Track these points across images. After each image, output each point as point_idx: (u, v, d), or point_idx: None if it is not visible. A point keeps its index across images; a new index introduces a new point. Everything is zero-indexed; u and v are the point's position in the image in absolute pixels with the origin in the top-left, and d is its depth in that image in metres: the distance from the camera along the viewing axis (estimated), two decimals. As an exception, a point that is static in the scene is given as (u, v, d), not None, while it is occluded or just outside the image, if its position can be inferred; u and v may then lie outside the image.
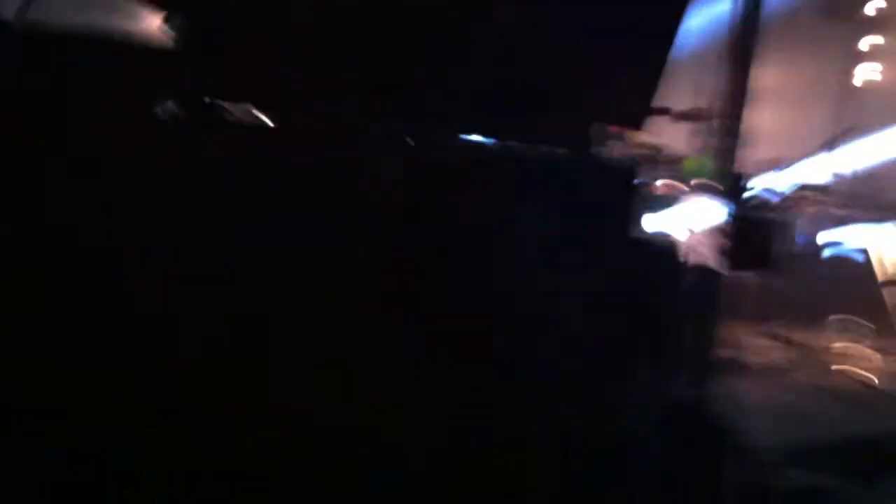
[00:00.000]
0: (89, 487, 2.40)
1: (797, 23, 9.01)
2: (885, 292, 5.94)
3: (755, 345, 5.29)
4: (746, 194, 5.19)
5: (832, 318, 6.23)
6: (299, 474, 2.57)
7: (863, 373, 5.13)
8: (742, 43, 3.34)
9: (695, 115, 7.42)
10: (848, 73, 11.02)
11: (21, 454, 2.36)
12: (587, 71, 3.07)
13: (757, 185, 5.92)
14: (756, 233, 3.87)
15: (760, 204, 5.27)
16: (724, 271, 3.40)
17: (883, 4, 10.82)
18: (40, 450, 2.38)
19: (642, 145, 7.86)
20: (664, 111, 6.40)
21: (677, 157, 7.56)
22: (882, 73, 10.78)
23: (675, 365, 3.37)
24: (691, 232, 6.01)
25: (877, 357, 5.84)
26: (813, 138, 7.27)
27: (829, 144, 5.73)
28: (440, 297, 2.73)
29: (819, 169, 5.92)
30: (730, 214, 3.38)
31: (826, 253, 5.85)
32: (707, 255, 4.22)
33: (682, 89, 8.45)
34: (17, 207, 2.38)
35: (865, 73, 10.91)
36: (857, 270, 6.32)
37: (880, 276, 6.11)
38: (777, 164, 7.64)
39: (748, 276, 4.93)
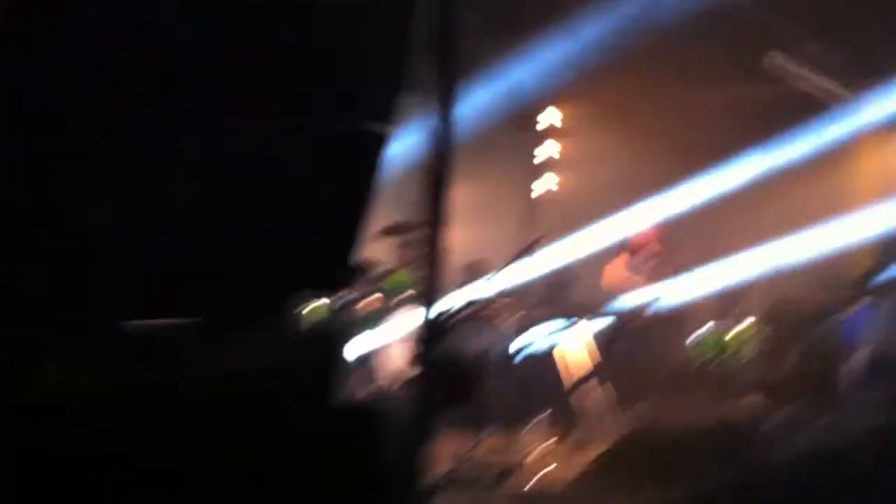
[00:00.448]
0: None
1: (487, 135, 9.64)
2: (573, 390, 6.36)
3: (460, 459, 5.38)
4: (445, 309, 5.35)
5: (532, 420, 6.51)
6: None
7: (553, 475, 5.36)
8: (437, 160, 3.44)
9: (399, 230, 7.67)
10: (532, 183, 12.00)
11: None
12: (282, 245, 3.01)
13: (456, 298, 6.13)
14: (456, 366, 3.92)
15: (458, 318, 5.44)
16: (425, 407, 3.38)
17: (559, 115, 11.92)
18: None
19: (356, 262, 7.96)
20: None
21: (383, 273, 7.74)
22: (560, 183, 11.82)
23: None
24: (394, 351, 6.17)
25: (571, 455, 6.19)
26: (505, 248, 7.75)
27: (521, 253, 6.09)
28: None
29: (512, 277, 6.27)
30: (428, 340, 3.39)
31: (522, 356, 6.17)
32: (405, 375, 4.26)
33: (386, 204, 8.75)
34: None
35: (546, 183, 11.91)
36: (550, 371, 6.76)
37: (565, 375, 6.56)
38: (474, 274, 8.04)
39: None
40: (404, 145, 6.72)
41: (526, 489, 5.12)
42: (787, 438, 7.23)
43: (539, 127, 11.94)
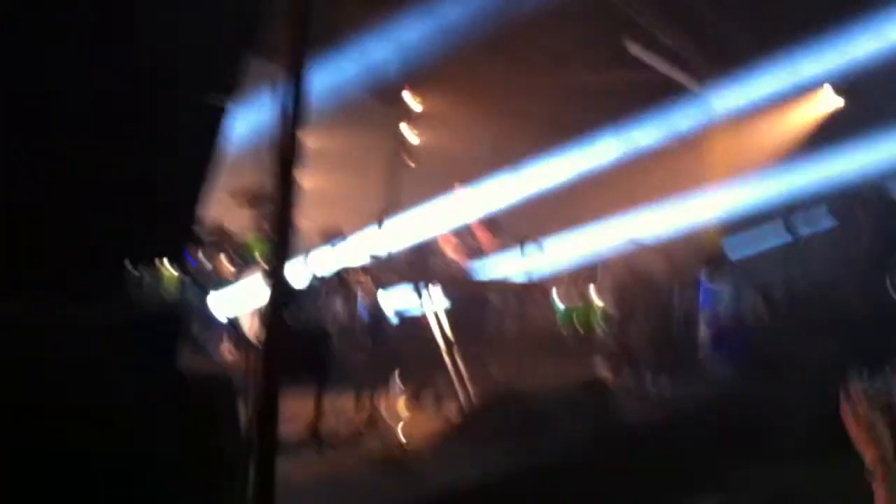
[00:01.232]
0: None
1: (352, 109, 9.63)
2: (429, 355, 6.49)
3: (315, 423, 5.44)
4: (299, 275, 5.41)
5: (388, 384, 6.60)
6: None
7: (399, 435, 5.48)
8: (287, 130, 3.46)
9: (254, 197, 7.61)
10: (396, 151, 12.07)
11: None
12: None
13: (313, 265, 6.20)
14: (311, 336, 3.94)
15: (314, 284, 5.52)
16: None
17: (421, 95, 12.00)
18: None
19: (207, 229, 7.88)
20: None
21: (241, 239, 7.69)
22: (422, 150, 11.95)
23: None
24: (249, 318, 6.16)
25: (427, 418, 6.34)
26: (365, 214, 7.83)
27: (380, 219, 6.19)
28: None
29: (370, 245, 6.37)
30: (279, 307, 3.43)
31: (378, 322, 6.27)
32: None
33: (243, 171, 8.65)
34: None
35: (409, 151, 12.01)
36: (406, 336, 6.89)
37: (421, 340, 6.70)
38: (332, 241, 8.07)
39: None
40: (259, 114, 6.71)
41: (382, 452, 5.22)
42: (635, 402, 7.62)
43: (404, 105, 12.02)
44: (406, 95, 11.81)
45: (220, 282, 7.12)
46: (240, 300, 6.61)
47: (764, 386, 9.13)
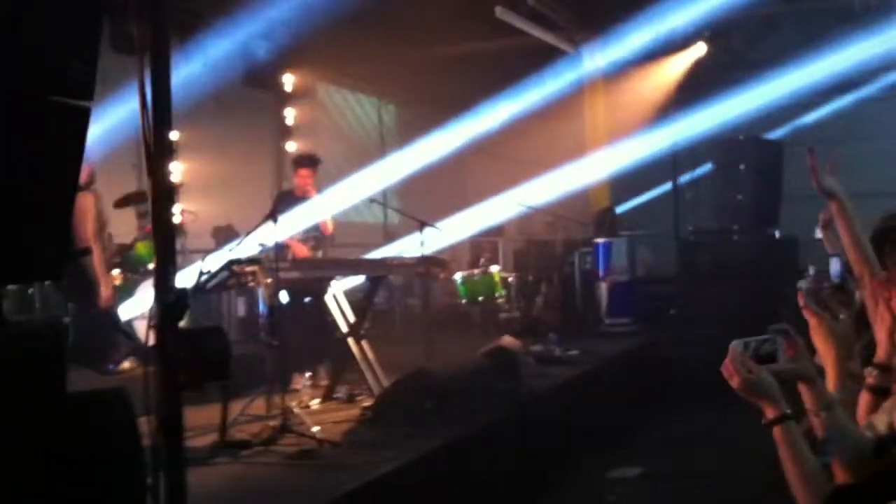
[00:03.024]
0: None
1: (227, 94, 9.36)
2: (349, 341, 6.37)
3: (225, 426, 5.26)
4: (191, 276, 5.19)
5: (301, 376, 6.46)
6: None
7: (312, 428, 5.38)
8: (155, 125, 3.26)
9: (135, 198, 7.30)
10: (281, 141, 11.82)
11: None
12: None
13: (207, 264, 5.96)
14: (208, 338, 3.78)
15: (209, 284, 5.30)
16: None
17: (291, 80, 11.75)
18: None
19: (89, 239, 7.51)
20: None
21: (127, 244, 7.36)
22: (302, 145, 11.71)
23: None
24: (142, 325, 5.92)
25: (340, 409, 6.23)
26: (255, 204, 7.61)
27: (272, 214, 6.00)
28: None
29: (262, 238, 6.17)
30: (168, 312, 3.24)
31: (280, 316, 6.09)
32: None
33: (119, 174, 8.30)
34: None
35: (292, 145, 11.78)
36: (311, 328, 6.73)
37: (327, 330, 6.57)
38: (224, 239, 7.83)
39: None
40: (123, 111, 6.42)
41: (295, 450, 5.07)
42: (544, 367, 7.66)
43: (283, 88, 11.76)
44: (281, 77, 11.54)
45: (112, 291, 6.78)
46: (133, 309, 6.34)
47: (665, 339, 9.36)
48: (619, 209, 11.89)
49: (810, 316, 2.36)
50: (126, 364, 6.71)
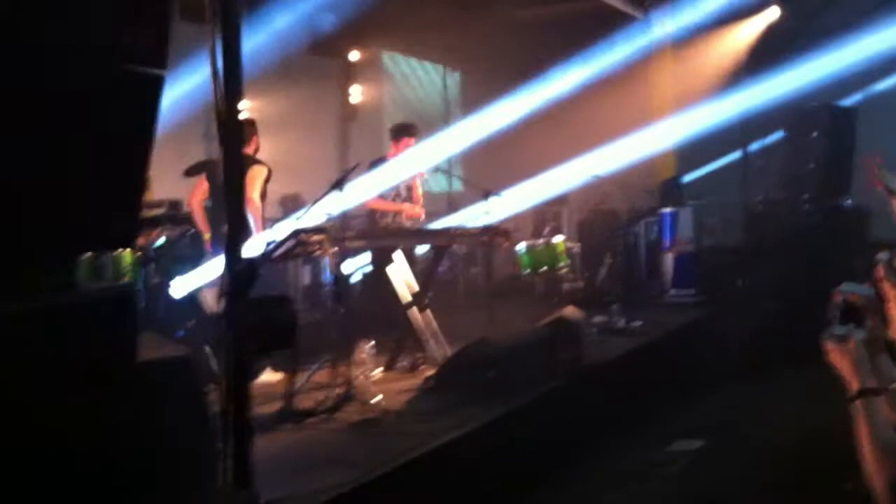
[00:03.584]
0: None
1: (293, 62, 9.43)
2: (413, 311, 6.42)
3: (290, 394, 5.37)
4: (259, 245, 5.27)
5: (365, 345, 6.52)
6: None
7: (375, 397, 5.44)
8: (226, 93, 3.30)
9: (204, 167, 7.41)
10: (345, 109, 11.89)
11: None
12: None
13: (273, 233, 6.05)
14: (275, 307, 3.84)
15: (275, 253, 5.38)
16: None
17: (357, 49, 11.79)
18: None
19: (159, 204, 7.68)
20: None
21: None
22: (369, 113, 11.77)
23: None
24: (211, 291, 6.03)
25: (401, 380, 6.29)
26: (319, 172, 7.70)
27: (338, 183, 6.04)
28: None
29: (331, 205, 6.23)
30: (238, 279, 3.30)
31: (345, 287, 6.17)
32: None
33: (188, 144, 8.45)
34: None
35: (356, 114, 11.84)
36: (373, 299, 6.81)
37: (403, 298, 6.60)
38: (291, 207, 7.91)
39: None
40: (192, 80, 6.50)
41: (359, 418, 5.16)
42: (604, 341, 7.63)
43: (348, 56, 11.80)
44: (346, 46, 11.58)
45: (180, 260, 6.93)
46: (200, 276, 6.46)
47: (730, 311, 9.21)
48: (686, 178, 11.70)
49: (889, 289, 2.33)
50: (192, 329, 6.86)
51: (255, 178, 6.45)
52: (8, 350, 2.63)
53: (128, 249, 3.44)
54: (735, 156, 12.33)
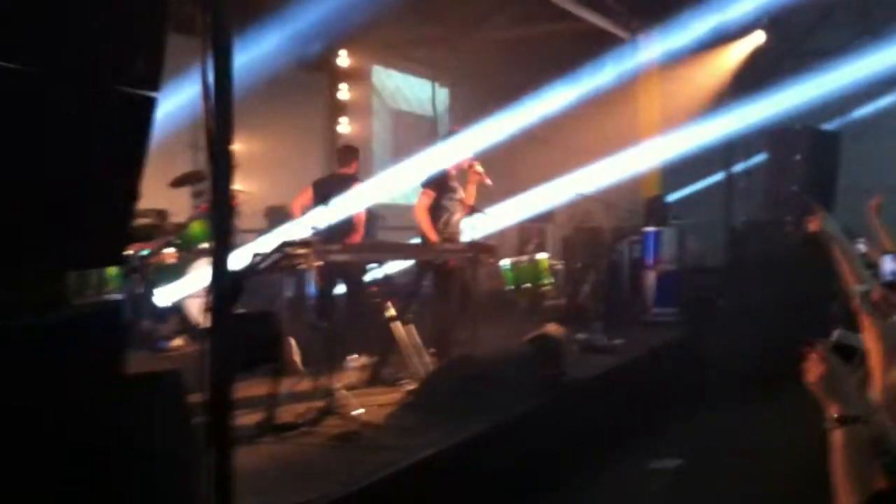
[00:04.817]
0: None
1: (285, 77, 9.46)
2: (395, 325, 6.44)
3: (272, 406, 5.37)
4: (245, 257, 5.29)
5: (350, 358, 6.53)
6: None
7: (357, 411, 5.46)
8: (217, 107, 3.33)
9: (192, 178, 7.44)
10: (332, 122, 11.92)
11: None
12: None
13: (259, 245, 6.08)
14: (260, 320, 3.85)
15: (261, 265, 5.39)
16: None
17: (345, 60, 11.84)
18: None
19: (145, 214, 7.68)
20: None
21: (182, 223, 7.51)
22: (357, 124, 11.81)
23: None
24: (196, 304, 6.04)
25: (384, 394, 6.30)
26: (308, 183, 7.70)
27: (325, 197, 6.08)
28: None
29: (316, 221, 6.26)
30: (224, 292, 3.31)
31: (329, 300, 6.19)
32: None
33: (175, 154, 8.46)
34: None
35: (344, 125, 11.88)
36: (357, 313, 6.82)
37: (373, 316, 6.63)
38: (278, 220, 7.93)
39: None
40: (185, 94, 6.52)
41: (339, 432, 5.17)
42: (587, 355, 7.67)
43: (336, 69, 11.84)
44: (335, 58, 11.62)
45: (165, 271, 6.95)
46: (186, 288, 6.47)
47: (712, 331, 9.28)
48: (670, 198, 11.80)
49: (865, 320, 2.37)
50: (177, 341, 6.87)
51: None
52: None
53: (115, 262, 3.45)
54: (719, 176, 12.44)
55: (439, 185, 7.27)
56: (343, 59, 11.75)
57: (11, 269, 2.77)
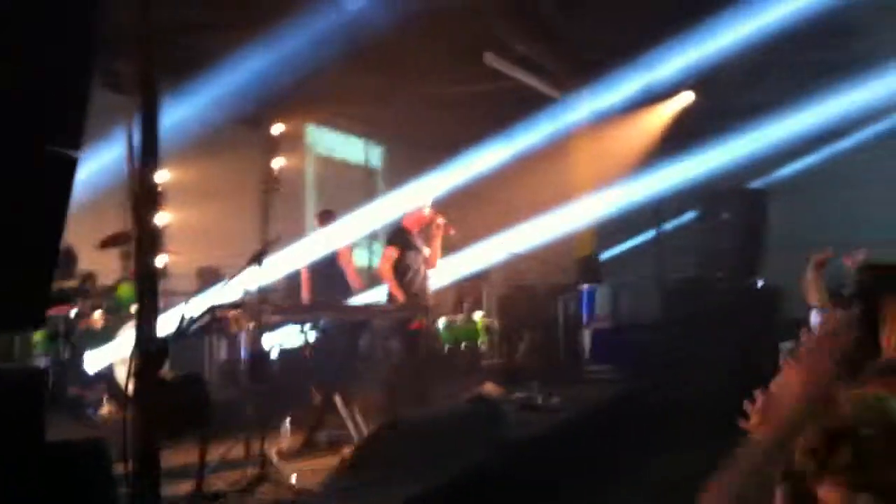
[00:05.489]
0: None
1: (214, 133, 9.36)
2: (316, 391, 6.33)
3: (203, 473, 5.19)
4: (172, 319, 5.15)
5: (277, 425, 6.39)
6: None
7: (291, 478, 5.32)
8: (143, 166, 3.25)
9: (119, 239, 7.25)
10: (266, 182, 11.82)
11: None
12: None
13: (189, 307, 5.92)
14: (187, 385, 3.72)
15: (190, 328, 5.25)
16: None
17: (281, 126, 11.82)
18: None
19: (71, 275, 7.46)
20: None
21: (110, 286, 7.30)
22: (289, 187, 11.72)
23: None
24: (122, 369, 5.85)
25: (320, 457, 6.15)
26: (240, 247, 7.57)
27: (254, 258, 5.96)
28: None
29: (250, 281, 6.13)
30: (147, 357, 3.20)
31: (260, 361, 6.04)
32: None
33: (106, 214, 8.26)
34: None
35: (277, 178, 11.81)
36: (290, 375, 6.69)
37: (324, 369, 6.50)
38: (208, 281, 7.76)
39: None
40: (111, 149, 6.39)
41: (274, 499, 5.00)
42: (524, 414, 7.62)
43: (268, 129, 11.78)
44: (269, 119, 11.57)
45: (93, 335, 6.73)
46: (114, 353, 6.27)
47: (648, 387, 9.33)
48: (604, 256, 11.93)
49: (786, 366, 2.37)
50: (106, 408, 6.63)
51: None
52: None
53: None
54: (650, 234, 12.64)
55: (403, 243, 7.25)
56: (277, 127, 11.72)
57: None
